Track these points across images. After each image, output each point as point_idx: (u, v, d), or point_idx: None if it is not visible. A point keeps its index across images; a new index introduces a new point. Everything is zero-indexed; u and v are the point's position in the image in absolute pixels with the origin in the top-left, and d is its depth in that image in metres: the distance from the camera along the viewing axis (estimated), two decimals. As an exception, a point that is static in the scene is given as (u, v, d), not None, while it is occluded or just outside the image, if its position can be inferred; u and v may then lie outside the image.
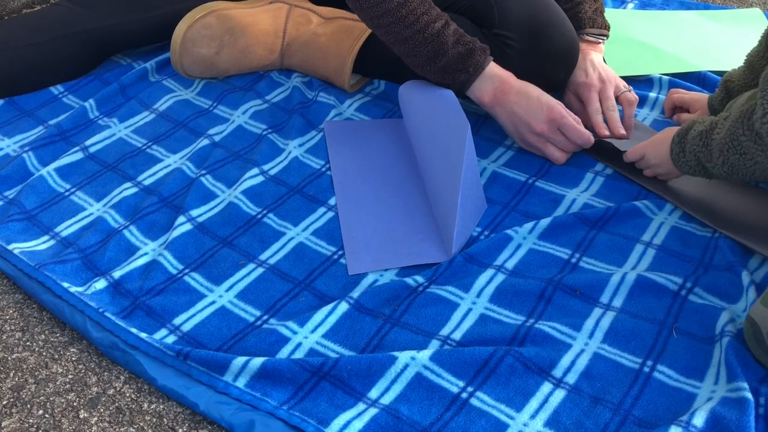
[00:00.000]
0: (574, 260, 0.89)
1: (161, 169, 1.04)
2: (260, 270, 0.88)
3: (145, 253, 0.90)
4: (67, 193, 1.00)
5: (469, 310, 0.83)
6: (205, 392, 0.74)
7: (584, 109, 1.08)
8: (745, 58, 1.01)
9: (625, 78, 1.24)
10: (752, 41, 1.05)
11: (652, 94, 1.19)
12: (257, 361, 0.75)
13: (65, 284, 0.84)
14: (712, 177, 0.90)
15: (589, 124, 1.06)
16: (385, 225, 0.93)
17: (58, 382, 0.77)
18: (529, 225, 0.92)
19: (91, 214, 0.96)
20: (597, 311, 0.82)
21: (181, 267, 0.88)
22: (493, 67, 1.00)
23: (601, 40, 1.14)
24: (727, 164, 0.85)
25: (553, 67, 1.07)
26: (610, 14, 1.42)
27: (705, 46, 1.31)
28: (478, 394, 0.74)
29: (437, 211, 0.94)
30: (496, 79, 0.99)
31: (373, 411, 0.72)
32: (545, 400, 0.73)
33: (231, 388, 0.74)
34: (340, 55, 1.14)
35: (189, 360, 0.76)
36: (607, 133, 1.04)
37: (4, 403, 0.75)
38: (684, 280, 0.85)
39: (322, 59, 1.16)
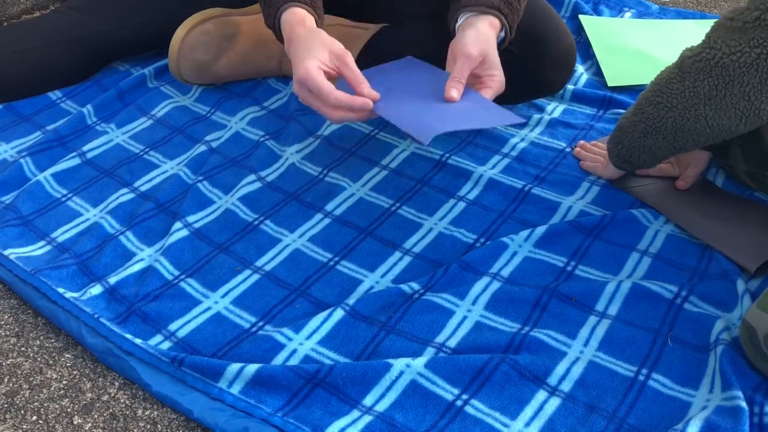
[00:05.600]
0: (569, 268, 0.89)
1: (158, 175, 1.04)
2: (256, 276, 0.88)
3: (141, 259, 0.90)
4: (63, 199, 1.00)
5: (465, 317, 0.83)
6: (200, 399, 0.74)
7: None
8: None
9: (622, 87, 1.24)
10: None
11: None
12: (252, 368, 0.75)
13: (60, 290, 0.84)
14: (631, 155, 0.92)
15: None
16: (432, 103, 0.90)
17: (52, 388, 0.77)
18: (524, 233, 0.92)
19: (88, 219, 0.96)
20: (592, 319, 0.82)
21: (176, 273, 0.88)
22: (294, 13, 0.93)
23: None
24: (642, 120, 0.87)
25: (552, 72, 1.09)
26: (608, 23, 1.43)
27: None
28: (473, 401, 0.74)
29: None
30: (286, 25, 0.93)
31: (367, 418, 0.72)
32: (540, 408, 0.73)
33: (225, 394, 0.74)
34: (337, 63, 1.14)
35: (184, 366, 0.76)
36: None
37: (-2, 408, 0.75)
38: (679, 288, 0.85)
39: (319, 66, 1.16)
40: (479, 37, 0.94)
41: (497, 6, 0.96)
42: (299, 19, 0.93)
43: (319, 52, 0.89)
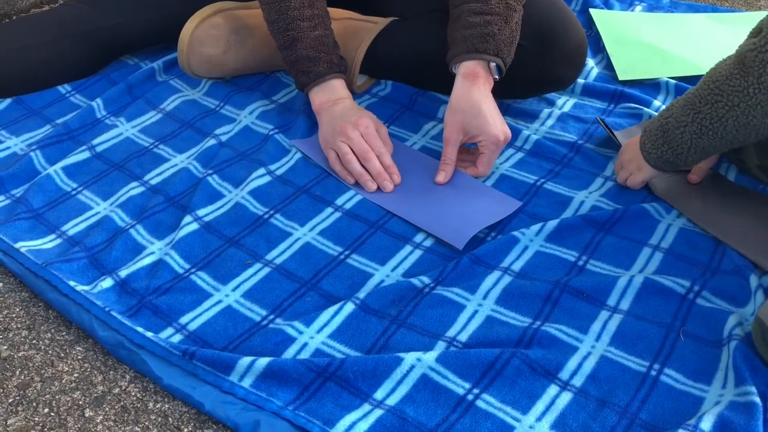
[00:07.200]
0: (581, 263, 0.89)
1: (168, 169, 1.04)
2: (267, 270, 0.88)
3: (152, 252, 0.90)
4: (74, 192, 1.00)
5: (476, 311, 0.82)
6: (211, 392, 0.74)
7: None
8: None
9: (632, 81, 1.24)
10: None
11: (657, 102, 1.18)
12: (263, 361, 0.75)
13: (72, 283, 0.84)
14: (677, 156, 0.88)
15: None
16: (446, 203, 0.96)
17: (63, 381, 0.78)
18: (536, 227, 0.92)
19: (98, 213, 0.97)
20: (604, 314, 0.82)
21: (187, 266, 0.88)
22: (336, 84, 1.04)
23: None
24: (697, 120, 0.83)
25: (563, 67, 1.08)
26: (618, 17, 1.42)
27: (713, 49, 1.31)
28: (484, 396, 0.73)
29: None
30: (332, 88, 1.04)
31: (378, 412, 0.72)
32: (551, 403, 0.73)
33: (236, 387, 0.74)
34: (347, 56, 1.14)
35: (195, 359, 0.76)
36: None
37: (10, 401, 0.75)
38: (692, 283, 0.85)
39: (329, 60, 1.16)
40: (458, 105, 0.97)
41: (473, 48, 0.97)
42: (345, 86, 1.05)
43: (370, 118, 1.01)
